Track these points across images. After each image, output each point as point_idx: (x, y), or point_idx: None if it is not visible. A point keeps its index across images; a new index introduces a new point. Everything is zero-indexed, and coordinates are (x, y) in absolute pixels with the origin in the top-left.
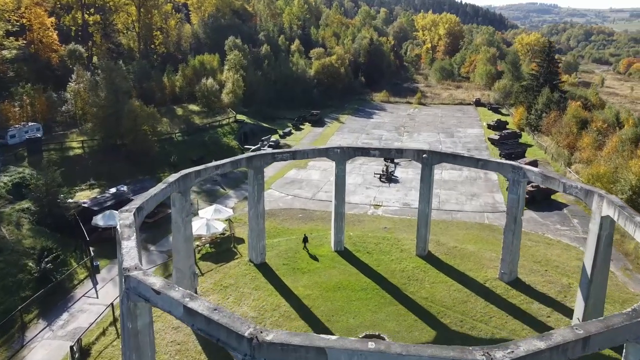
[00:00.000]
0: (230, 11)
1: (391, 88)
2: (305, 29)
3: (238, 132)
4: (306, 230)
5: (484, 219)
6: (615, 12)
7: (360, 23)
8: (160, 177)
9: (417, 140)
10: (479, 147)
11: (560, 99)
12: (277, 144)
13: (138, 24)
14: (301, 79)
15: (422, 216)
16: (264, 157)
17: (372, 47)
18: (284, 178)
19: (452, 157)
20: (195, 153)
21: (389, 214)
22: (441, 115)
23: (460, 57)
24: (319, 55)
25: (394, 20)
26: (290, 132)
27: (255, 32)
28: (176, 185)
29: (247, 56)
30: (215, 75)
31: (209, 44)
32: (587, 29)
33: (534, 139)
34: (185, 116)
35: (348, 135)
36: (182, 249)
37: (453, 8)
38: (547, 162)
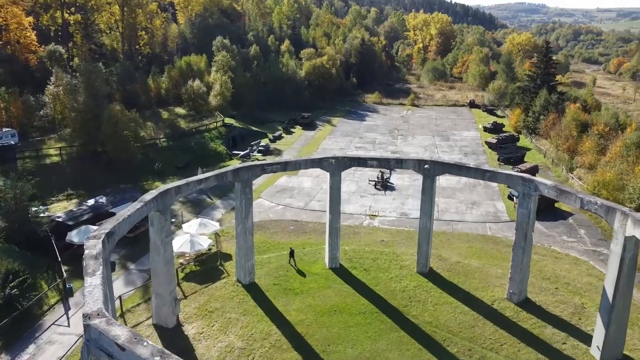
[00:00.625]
0: (218, 10)
1: (383, 89)
2: (296, 28)
3: (226, 137)
4: (298, 244)
5: (486, 230)
6: (602, 12)
7: (351, 23)
8: (143, 186)
9: (412, 144)
10: (476, 151)
11: (558, 101)
12: (267, 149)
13: (121, 23)
14: (291, 80)
15: (424, 231)
16: (252, 169)
17: (363, 47)
18: (275, 186)
19: (457, 168)
20: (180, 159)
21: (385, 225)
22: (435, 117)
23: (452, 57)
24: (310, 56)
25: (384, 20)
26: (280, 136)
27: (244, 32)
28: (154, 203)
29: (236, 57)
30: (202, 77)
31: (196, 45)
32: (576, 29)
33: (532, 142)
34: (171, 120)
35: (341, 139)
36: (162, 273)
37: (443, 7)
38: (547, 167)
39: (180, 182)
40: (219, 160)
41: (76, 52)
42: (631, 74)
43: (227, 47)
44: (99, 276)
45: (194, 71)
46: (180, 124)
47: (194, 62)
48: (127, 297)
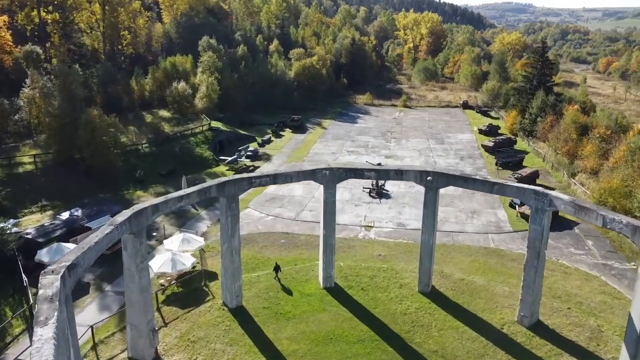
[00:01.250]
0: (204, 9)
1: (374, 90)
2: (284, 28)
3: (212, 141)
4: (289, 260)
5: (489, 242)
6: (588, 12)
7: (341, 22)
8: (124, 195)
9: (406, 147)
10: (473, 155)
11: (555, 103)
12: (255, 154)
13: (103, 23)
14: (281, 81)
15: (426, 247)
16: (238, 183)
17: (354, 47)
18: (264, 194)
19: (462, 180)
20: (164, 166)
21: (382, 237)
22: (428, 119)
23: (443, 57)
24: (299, 56)
25: (374, 19)
26: (269, 140)
27: (231, 32)
28: (126, 225)
29: (223, 57)
30: (188, 78)
31: (182, 45)
32: (563, 28)
33: (529, 145)
34: (154, 124)
35: (332, 143)
36: (138, 302)
37: (432, 7)
38: (547, 171)
39: (158, 200)
40: (204, 166)
41: (54, 52)
42: (620, 73)
43: (213, 47)
44: (52, 326)
45: (179, 72)
46: (164, 128)
47: (179, 63)
48: (102, 325)
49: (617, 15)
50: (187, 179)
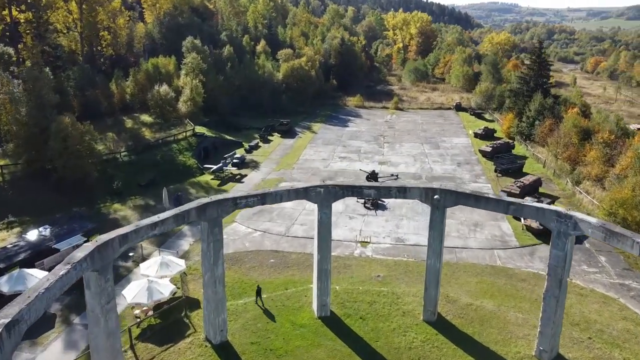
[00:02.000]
0: (188, 9)
1: (364, 91)
2: (272, 28)
3: (197, 148)
4: (280, 283)
5: (495, 259)
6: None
7: (329, 22)
8: (100, 209)
9: (399, 153)
10: (470, 161)
11: (553, 105)
12: (242, 161)
13: (80, 22)
14: (268, 83)
15: (432, 274)
16: (222, 205)
17: (343, 47)
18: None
19: (474, 199)
20: (144, 176)
21: (380, 255)
22: (421, 121)
23: (433, 57)
24: (287, 57)
25: (362, 19)
26: (257, 146)
27: (216, 32)
28: (88, 262)
29: (208, 59)
30: (171, 81)
31: (165, 46)
32: (550, 28)
33: (527, 149)
34: (135, 129)
35: (323, 148)
36: (104, 349)
37: (420, 7)
38: (549, 178)
39: (127, 229)
40: (188, 175)
41: (26, 54)
42: (608, 73)
43: (198, 48)
44: None
45: (162, 74)
46: (145, 134)
47: (162, 65)
48: None
49: (601, 15)
50: (169, 191)
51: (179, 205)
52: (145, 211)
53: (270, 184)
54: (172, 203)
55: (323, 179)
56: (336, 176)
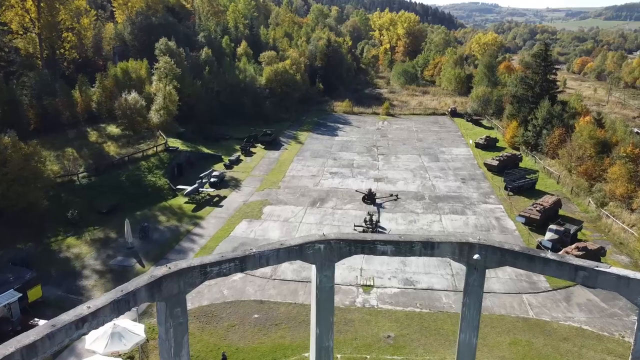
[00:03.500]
0: (163, 8)
1: (352, 95)
2: (254, 28)
3: (169, 165)
4: (267, 350)
5: (526, 309)
6: (552, 12)
7: (313, 22)
8: (50, 245)
9: (396, 166)
10: (475, 176)
11: (562, 113)
12: (221, 179)
13: (38, 23)
14: (250, 88)
15: (466, 352)
16: (184, 277)
17: (329, 49)
18: (231, 239)
19: (527, 259)
20: (106, 202)
21: (387, 304)
22: (416, 129)
23: (422, 59)
24: (271, 60)
25: (346, 19)
26: (238, 160)
27: (193, 33)
28: None
29: (183, 62)
30: (142, 87)
31: (137, 48)
32: (532, 28)
33: (536, 162)
34: (99, 144)
35: (312, 162)
36: None
37: (403, 7)
38: (566, 197)
39: (40, 334)
40: (158, 198)
41: None
42: (596, 74)
43: (172, 51)
44: None
45: (133, 80)
46: (110, 150)
47: (132, 69)
48: None
49: (580, 15)
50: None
51: (146, 238)
52: (104, 246)
53: (252, 208)
54: (137, 236)
55: (313, 200)
56: (328, 197)
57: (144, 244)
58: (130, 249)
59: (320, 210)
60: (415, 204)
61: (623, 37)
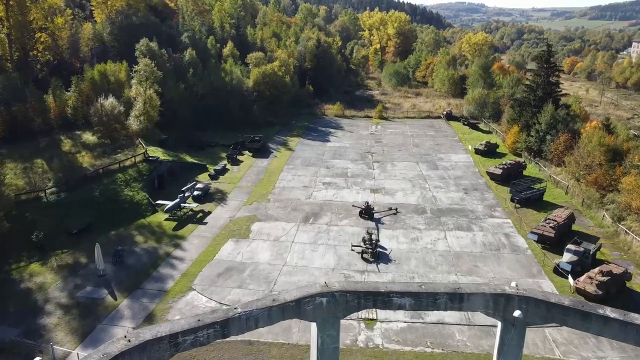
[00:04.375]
0: (145, 7)
1: (343, 97)
2: (240, 28)
3: (149, 177)
4: None
5: (550, 347)
6: (537, 12)
7: (302, 22)
8: (11, 272)
9: (393, 175)
10: (477, 186)
11: (567, 117)
12: (205, 192)
13: (7, 22)
14: (237, 91)
15: None
16: (148, 352)
17: (319, 49)
18: (215, 262)
19: (580, 317)
20: (77, 221)
21: (393, 342)
22: (411, 133)
23: (414, 59)
24: (258, 61)
25: (334, 19)
26: (224, 169)
27: (177, 34)
28: None
29: (166, 64)
30: (122, 91)
31: (117, 49)
32: (519, 28)
33: (540, 169)
34: (72, 154)
35: (303, 172)
36: None
37: (392, 6)
38: (577, 209)
39: None
40: (136, 215)
41: None
42: (586, 74)
43: (154, 52)
44: None
45: (112, 83)
46: (83, 161)
47: (111, 71)
48: None
49: (565, 15)
50: (108, 242)
51: (120, 263)
52: (72, 274)
53: (240, 226)
54: (110, 261)
55: (306, 216)
56: (322, 211)
57: (118, 271)
58: (101, 276)
59: (314, 227)
60: (416, 218)
61: (610, 37)
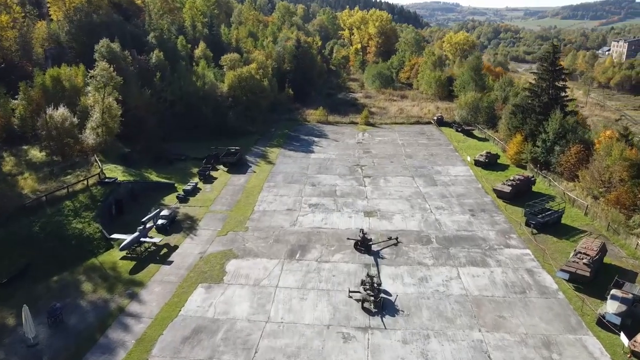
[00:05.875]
0: (108, 4)
1: (325, 101)
2: (214, 28)
3: (104, 203)
4: None
5: None
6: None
7: (280, 20)
8: None
9: (388, 193)
10: (484, 206)
11: (577, 126)
12: (172, 220)
13: None
14: (210, 97)
15: None
16: None
17: (299, 50)
18: (181, 320)
19: None
20: (9, 264)
21: None
22: (402, 142)
23: (397, 60)
24: (234, 63)
25: (312, 18)
26: (195, 188)
27: (143, 33)
28: None
29: (130, 67)
30: (78, 99)
31: (76, 50)
32: (495, 27)
33: (550, 185)
34: (12, 177)
35: (285, 190)
36: None
37: (369, 5)
38: (602, 234)
39: None
40: (85, 254)
41: None
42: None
43: (115, 54)
44: None
45: (67, 90)
46: (25, 186)
47: (65, 76)
48: None
49: (538, 15)
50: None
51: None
52: None
53: (212, 265)
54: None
55: (291, 249)
56: (310, 242)
57: (54, 336)
58: (32, 346)
59: (302, 265)
60: (420, 250)
61: (585, 36)
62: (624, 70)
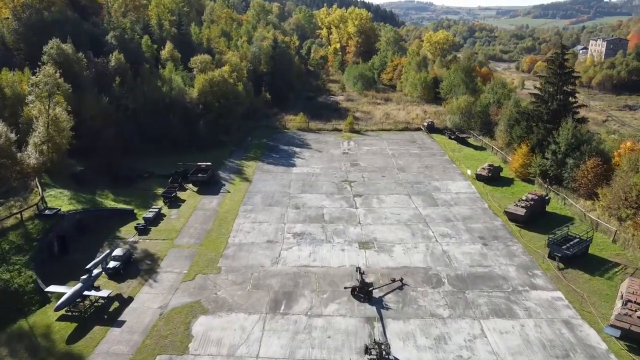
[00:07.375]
0: (62, 0)
1: (304, 105)
2: (183, 26)
3: (42, 241)
4: None
5: None
6: (483, 10)
7: (254, 19)
8: None
9: (383, 217)
10: (496, 232)
11: (589, 137)
12: (127, 259)
13: None
14: (178, 104)
15: None
16: None
17: (276, 50)
18: None
19: None
20: None
21: None
22: (392, 152)
23: (379, 60)
24: (205, 66)
25: (288, 16)
26: (158, 215)
27: (103, 33)
28: None
29: (85, 71)
30: (21, 109)
31: (25, 52)
32: (470, 26)
33: (565, 204)
34: None
35: (265, 215)
36: None
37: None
38: (637, 267)
39: None
40: (12, 313)
41: None
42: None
43: (67, 56)
44: None
45: (8, 98)
46: None
47: (6, 82)
48: None
49: (510, 14)
50: None
51: None
52: None
53: (174, 327)
54: None
55: (275, 298)
56: (297, 287)
57: None
58: None
59: (288, 322)
60: (432, 295)
61: (559, 35)
62: (605, 70)
